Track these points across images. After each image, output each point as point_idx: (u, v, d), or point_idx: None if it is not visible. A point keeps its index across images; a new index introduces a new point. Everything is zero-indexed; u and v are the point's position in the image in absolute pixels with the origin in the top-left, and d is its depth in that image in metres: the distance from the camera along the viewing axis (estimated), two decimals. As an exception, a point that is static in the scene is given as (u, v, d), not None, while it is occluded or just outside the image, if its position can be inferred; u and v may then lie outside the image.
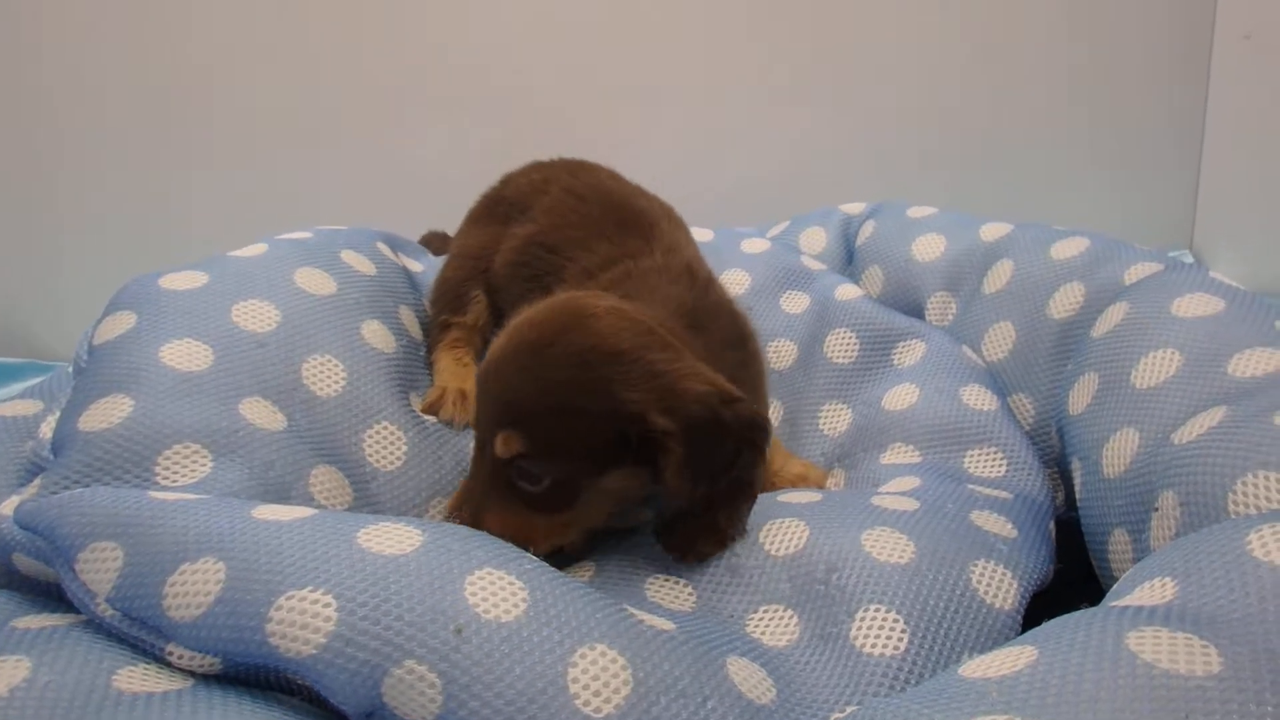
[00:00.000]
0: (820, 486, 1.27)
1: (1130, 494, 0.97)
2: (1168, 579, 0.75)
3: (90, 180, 2.34)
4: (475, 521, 0.96)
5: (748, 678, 0.82)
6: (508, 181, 1.50)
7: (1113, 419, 1.06)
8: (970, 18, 2.19)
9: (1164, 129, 2.23)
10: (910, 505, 1.05)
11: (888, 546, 0.96)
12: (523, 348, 0.99)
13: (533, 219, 1.37)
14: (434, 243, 1.76)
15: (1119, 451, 1.02)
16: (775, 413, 1.45)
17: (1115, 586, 0.82)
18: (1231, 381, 0.99)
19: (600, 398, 0.96)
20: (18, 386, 2.13)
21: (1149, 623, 0.68)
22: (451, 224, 1.81)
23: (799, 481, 1.28)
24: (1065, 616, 0.74)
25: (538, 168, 1.49)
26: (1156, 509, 0.91)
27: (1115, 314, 1.18)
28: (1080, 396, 1.15)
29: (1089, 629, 0.69)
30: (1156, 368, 1.06)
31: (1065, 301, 1.30)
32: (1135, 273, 1.25)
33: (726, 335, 1.16)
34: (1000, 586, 0.95)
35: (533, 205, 1.39)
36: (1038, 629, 0.75)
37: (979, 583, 0.94)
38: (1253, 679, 0.62)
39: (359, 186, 2.32)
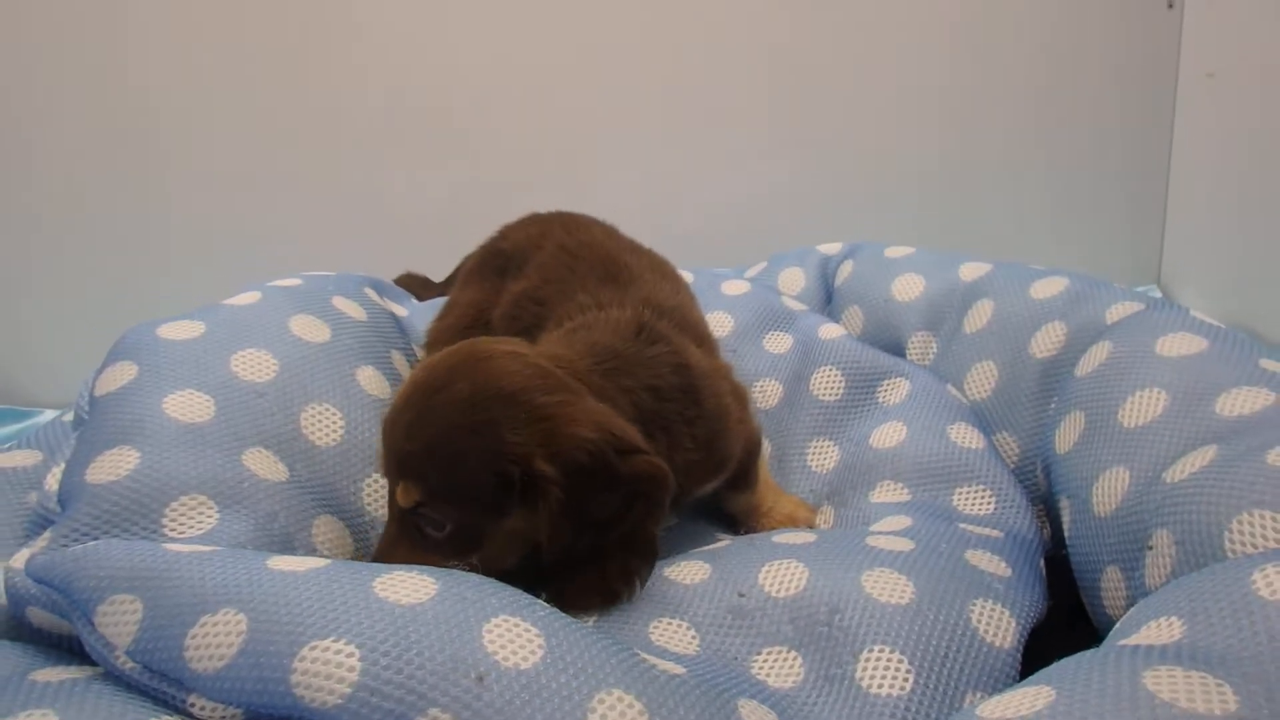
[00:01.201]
0: (810, 525, 1.29)
1: (1122, 532, 0.99)
2: (1174, 618, 0.77)
3: (61, 225, 2.33)
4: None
5: (760, 720, 0.83)
6: (505, 235, 1.52)
7: (1102, 458, 1.08)
8: (937, 59, 2.23)
9: (1129, 166, 2.27)
10: (906, 545, 1.07)
11: (887, 587, 0.98)
12: (415, 394, 1.00)
13: (526, 275, 1.39)
14: (412, 285, 1.78)
15: (1109, 490, 1.04)
16: (763, 452, 1.45)
17: (1119, 625, 0.84)
18: (1220, 420, 1.01)
19: (486, 440, 0.96)
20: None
21: (1162, 661, 0.70)
22: (415, 265, 1.85)
23: (788, 521, 1.29)
24: (1077, 656, 0.76)
25: (535, 221, 1.50)
26: (1150, 547, 0.93)
27: (1099, 353, 1.20)
28: (1067, 435, 1.17)
29: (1104, 668, 0.71)
30: (1143, 407, 1.07)
31: (1047, 341, 1.33)
32: (1117, 312, 1.27)
33: (660, 386, 1.13)
34: (999, 625, 0.96)
35: (528, 261, 1.41)
36: (1051, 669, 0.76)
37: (979, 622, 0.96)
38: (1270, 717, 0.65)
39: (321, 228, 2.32)
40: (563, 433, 0.96)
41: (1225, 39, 2.05)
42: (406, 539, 1.00)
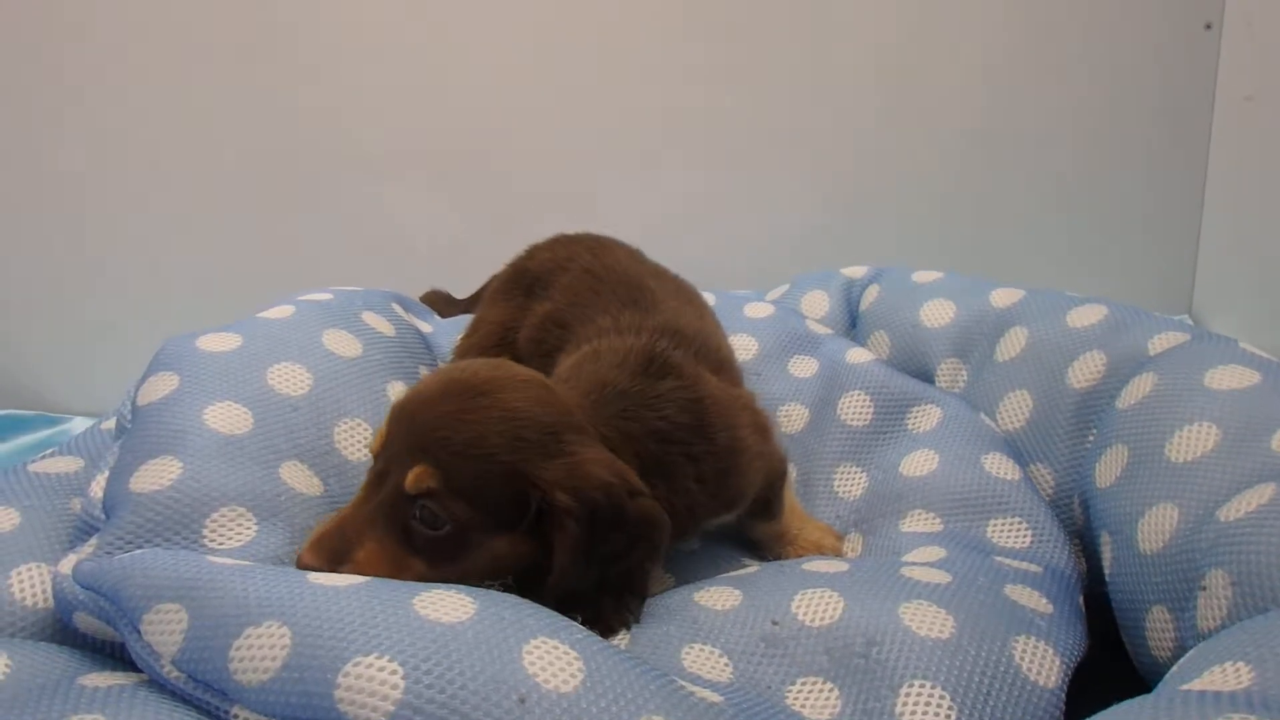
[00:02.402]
0: (837, 553, 1.28)
1: (1171, 571, 0.97)
2: (1240, 663, 0.74)
3: (91, 237, 2.36)
4: (343, 552, 0.96)
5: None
6: (533, 254, 1.52)
7: (1147, 493, 1.05)
8: (966, 82, 2.22)
9: (1162, 191, 2.23)
10: (943, 578, 1.05)
11: (926, 620, 0.96)
12: (452, 390, 1.00)
13: (551, 296, 1.40)
14: (435, 302, 1.79)
15: (1156, 527, 1.01)
16: (790, 478, 1.43)
17: (1176, 669, 0.82)
18: (1276, 457, 0.98)
19: (520, 458, 0.98)
20: (29, 438, 2.16)
21: (1233, 708, 0.68)
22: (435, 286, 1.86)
23: (814, 549, 1.28)
24: (1137, 700, 0.74)
25: (563, 242, 1.51)
26: (1204, 587, 0.90)
27: (1143, 385, 1.18)
28: (1109, 469, 1.14)
29: (1170, 714, 0.69)
30: (1193, 441, 1.05)
31: (1085, 370, 1.30)
32: (1160, 342, 1.25)
33: (665, 429, 1.13)
34: (1043, 663, 0.94)
35: (554, 283, 1.42)
36: (1109, 713, 0.74)
37: (1022, 659, 0.94)
38: None
39: (331, 250, 2.34)
40: (586, 471, 0.99)
41: (1265, 62, 2.01)
42: (383, 525, 0.98)
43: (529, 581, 1.02)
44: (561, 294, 1.38)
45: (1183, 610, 0.93)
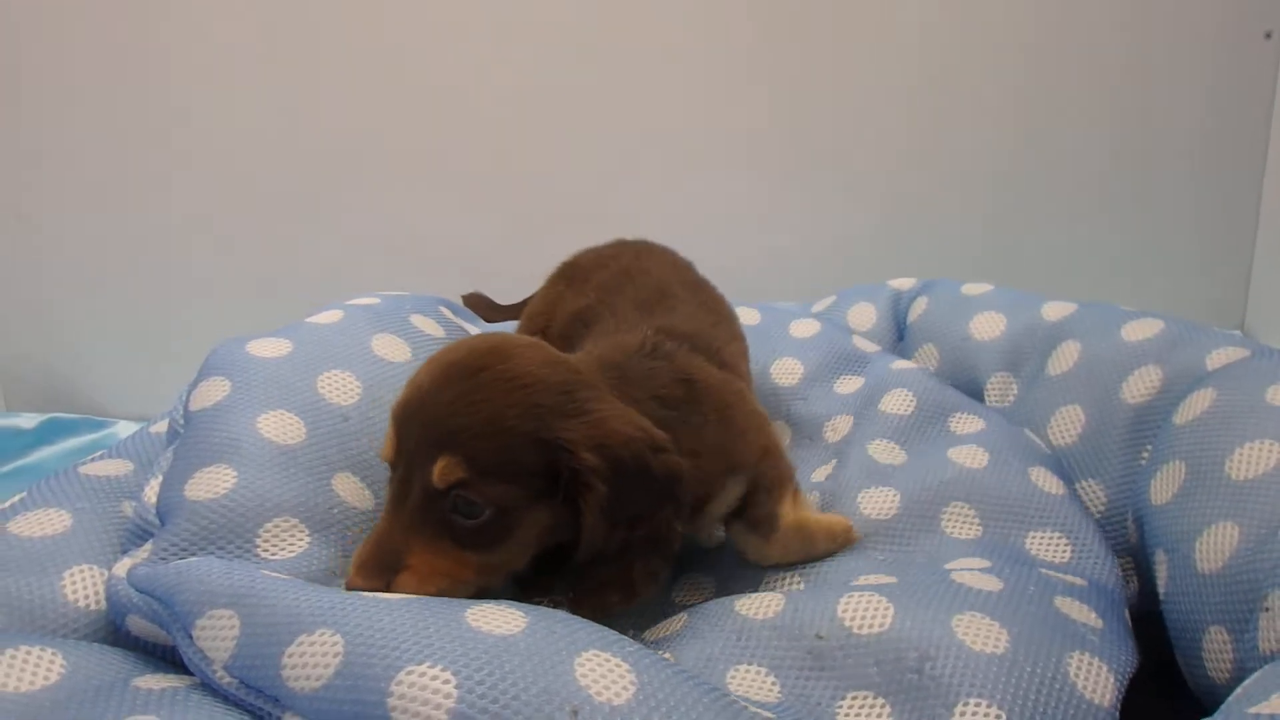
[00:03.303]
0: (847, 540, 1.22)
1: (1231, 591, 0.95)
2: None
3: (134, 245, 2.40)
4: (392, 566, 0.94)
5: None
6: (584, 252, 1.53)
7: (1206, 511, 1.03)
8: (1018, 96, 2.20)
9: (1217, 203, 2.21)
10: (994, 585, 1.04)
11: (980, 634, 0.95)
12: (452, 375, 0.97)
13: (585, 293, 1.40)
14: (478, 306, 1.80)
15: (1215, 546, 1.00)
16: (828, 469, 1.42)
17: (1241, 690, 0.80)
18: None
19: (535, 423, 0.95)
20: (75, 441, 2.19)
21: None
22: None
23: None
24: None
25: (616, 244, 1.51)
26: (1267, 609, 0.89)
27: (1201, 400, 1.16)
28: (1164, 486, 1.12)
29: None
30: (1255, 459, 1.03)
31: (1141, 385, 1.29)
32: (1219, 358, 1.23)
33: (664, 395, 1.11)
34: (1098, 681, 0.93)
35: (592, 278, 1.42)
36: None
37: (1077, 676, 0.92)
38: None
39: (367, 260, 2.37)
40: (608, 428, 0.97)
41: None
42: (427, 529, 0.95)
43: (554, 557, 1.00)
44: (594, 291, 1.38)
45: (1243, 631, 0.92)
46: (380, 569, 0.94)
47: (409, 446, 0.97)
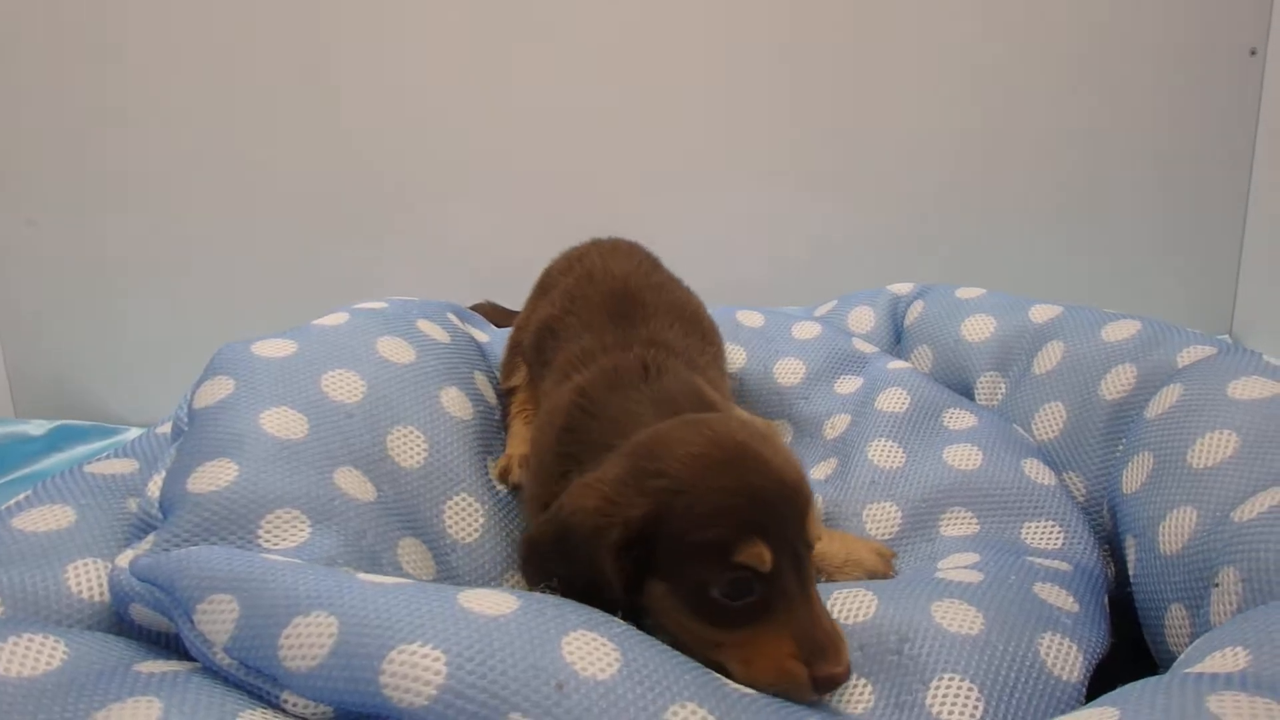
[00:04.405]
0: (885, 575, 1.23)
1: (1188, 570, 1.00)
2: (1239, 648, 0.78)
3: (149, 257, 2.42)
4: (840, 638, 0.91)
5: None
6: (560, 256, 1.53)
7: (1169, 497, 1.09)
8: (1008, 102, 2.23)
9: (1204, 215, 2.24)
10: (975, 577, 1.08)
11: (957, 618, 0.99)
12: (753, 445, 0.94)
13: (552, 300, 1.40)
14: (489, 313, 1.83)
15: (1176, 529, 1.05)
16: (828, 468, 1.48)
17: (1183, 656, 0.85)
18: None
19: None
20: (84, 449, 2.21)
21: (1227, 688, 0.72)
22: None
23: (860, 571, 1.23)
24: (1142, 681, 0.78)
25: (584, 247, 1.52)
26: (1217, 585, 0.94)
27: (1170, 395, 1.21)
28: (1134, 476, 1.18)
29: (1168, 692, 0.73)
30: (1214, 449, 1.08)
31: (1117, 382, 1.34)
32: (1188, 355, 1.29)
33: None
34: (1067, 659, 0.97)
35: (559, 283, 1.43)
36: (1116, 692, 0.78)
37: (1047, 654, 0.97)
38: None
39: (397, 270, 2.40)
40: None
41: (1309, 88, 2.03)
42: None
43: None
44: (560, 299, 1.39)
45: (1198, 607, 0.97)
46: (841, 648, 0.91)
47: (788, 533, 0.91)
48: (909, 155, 2.29)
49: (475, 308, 1.83)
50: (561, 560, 0.94)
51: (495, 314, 1.84)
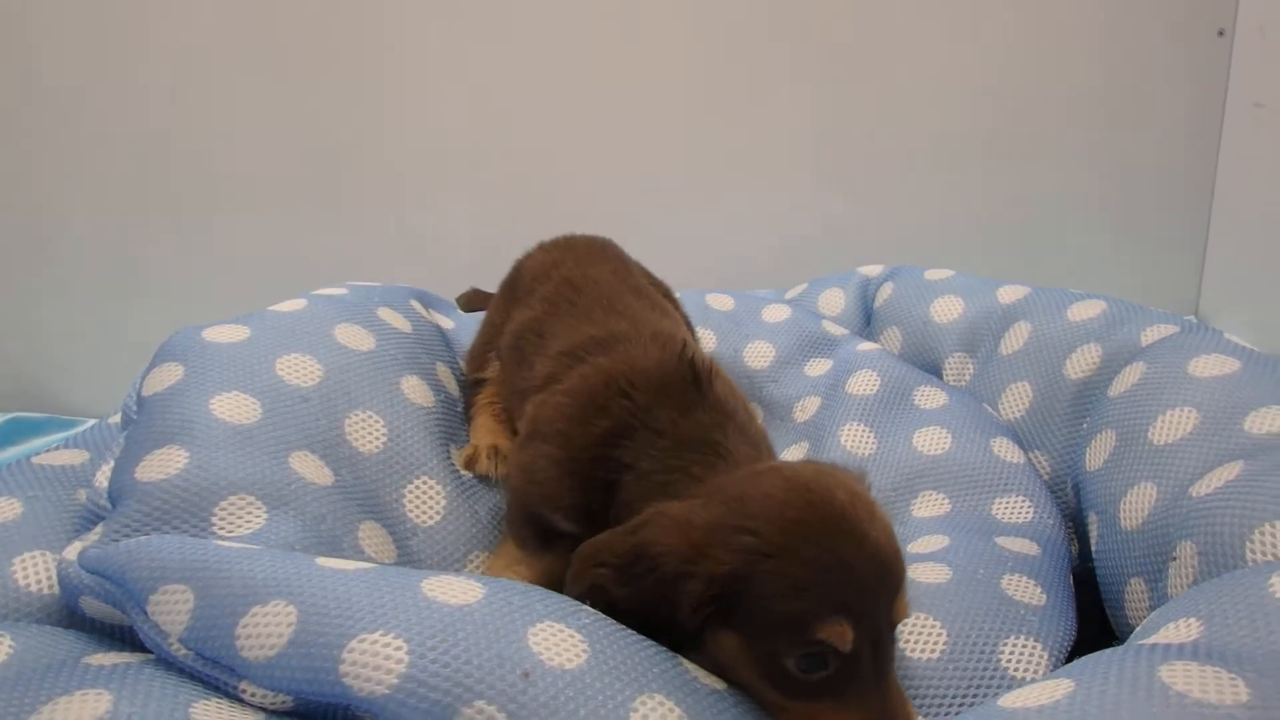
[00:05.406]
0: None
1: (1148, 545, 1.02)
2: (1192, 619, 0.79)
3: (103, 243, 2.37)
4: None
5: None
6: (530, 255, 1.51)
7: (1130, 474, 1.10)
8: (979, 83, 2.23)
9: (1172, 196, 2.24)
10: (942, 575, 1.08)
11: (921, 638, 1.00)
12: (861, 512, 0.90)
13: (531, 305, 1.38)
14: (477, 301, 1.78)
15: (1137, 505, 1.06)
16: (799, 451, 1.48)
17: (1139, 628, 0.86)
18: (1248, 438, 1.03)
19: None
20: (39, 442, 2.16)
21: (1179, 657, 0.73)
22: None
23: None
24: (1097, 653, 0.79)
25: (556, 247, 1.50)
26: (1174, 558, 0.95)
27: (1132, 374, 1.23)
28: (1097, 453, 1.19)
29: (1122, 663, 0.73)
30: (1174, 425, 1.10)
31: (1082, 362, 1.35)
32: (1151, 334, 1.30)
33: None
34: (1030, 661, 0.99)
35: (536, 290, 1.40)
36: (1071, 665, 0.79)
37: (1009, 662, 0.99)
38: (1279, 707, 0.67)
39: (364, 260, 2.35)
40: None
41: (1276, 69, 2.02)
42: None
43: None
44: (540, 303, 1.36)
45: (1157, 581, 0.98)
46: None
47: (876, 613, 0.87)
48: (879, 147, 2.28)
49: (464, 296, 1.80)
50: (627, 583, 0.90)
51: (481, 300, 1.81)
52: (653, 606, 0.89)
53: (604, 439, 1.08)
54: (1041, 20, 2.19)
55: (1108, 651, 0.78)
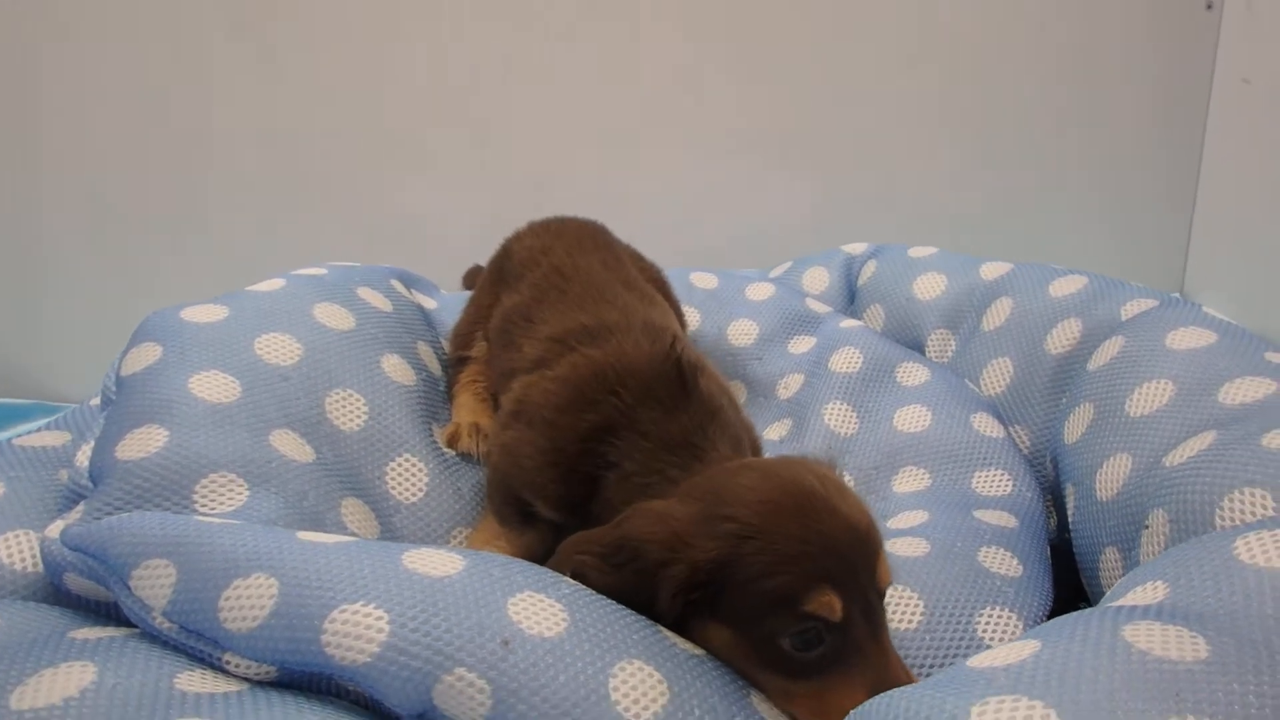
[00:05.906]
0: None
1: (1122, 514, 1.03)
2: (1159, 582, 0.81)
3: (89, 227, 2.36)
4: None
5: (769, 711, 0.86)
6: (519, 238, 1.51)
7: (1106, 446, 1.11)
8: (962, 59, 2.23)
9: (1158, 172, 2.24)
10: (921, 549, 1.10)
11: (901, 610, 1.02)
12: (831, 490, 0.91)
13: (520, 291, 1.38)
14: (478, 278, 1.78)
15: (1112, 475, 1.08)
16: (782, 429, 1.49)
17: (1109, 592, 0.87)
18: (1221, 408, 1.04)
19: None
20: (25, 427, 2.15)
21: (1143, 618, 0.74)
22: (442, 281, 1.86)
23: None
24: (1065, 615, 0.80)
25: (546, 232, 1.49)
26: (1147, 526, 0.96)
27: (1111, 348, 1.24)
28: (1075, 426, 1.20)
29: (1088, 624, 0.75)
30: (1150, 397, 1.11)
31: (1063, 337, 1.36)
32: (1131, 309, 1.31)
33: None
34: (1005, 630, 1.01)
35: (525, 276, 1.40)
36: (1039, 627, 0.81)
37: (985, 631, 1.00)
38: (1236, 664, 0.69)
39: (349, 242, 2.33)
40: None
41: (1264, 45, 2.00)
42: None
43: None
44: (529, 289, 1.37)
45: (1130, 549, 1.00)
46: None
47: (859, 581, 0.88)
48: (865, 119, 2.27)
49: (469, 275, 1.77)
50: (613, 572, 0.91)
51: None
52: (633, 595, 0.90)
53: (590, 434, 1.09)
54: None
55: (1075, 614, 0.79)
